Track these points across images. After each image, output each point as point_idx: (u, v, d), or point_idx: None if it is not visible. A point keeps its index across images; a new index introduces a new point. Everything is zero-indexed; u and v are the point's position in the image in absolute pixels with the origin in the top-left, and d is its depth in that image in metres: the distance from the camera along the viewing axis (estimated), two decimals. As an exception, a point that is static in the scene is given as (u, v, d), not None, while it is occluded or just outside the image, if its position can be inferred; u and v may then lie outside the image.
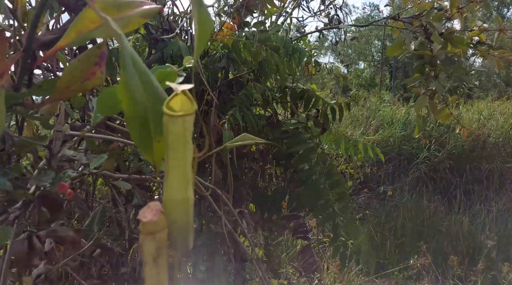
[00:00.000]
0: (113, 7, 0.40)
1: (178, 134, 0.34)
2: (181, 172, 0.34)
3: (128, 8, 0.41)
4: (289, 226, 1.44)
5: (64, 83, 0.42)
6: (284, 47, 1.25)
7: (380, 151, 1.38)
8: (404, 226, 3.90)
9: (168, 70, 0.49)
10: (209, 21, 0.42)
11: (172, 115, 0.34)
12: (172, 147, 0.34)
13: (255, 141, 0.83)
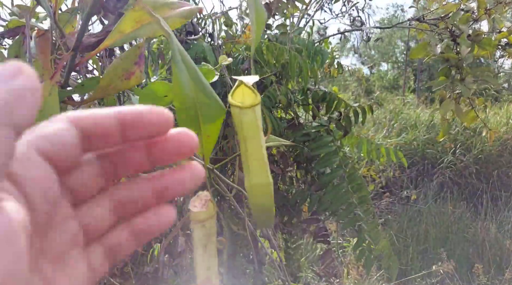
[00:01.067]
0: (155, 8, 0.41)
1: (252, 124, 0.35)
2: (260, 158, 0.36)
3: (170, 8, 0.42)
4: (309, 230, 1.43)
5: (106, 82, 0.43)
6: (306, 49, 1.25)
7: (403, 155, 1.36)
8: (428, 232, 3.81)
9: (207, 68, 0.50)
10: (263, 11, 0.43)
11: (243, 107, 0.35)
12: (248, 135, 0.36)
13: (281, 143, 0.83)
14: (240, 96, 0.37)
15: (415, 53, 1.27)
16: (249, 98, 0.37)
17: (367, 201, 1.28)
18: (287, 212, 1.42)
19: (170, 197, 0.24)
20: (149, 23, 0.42)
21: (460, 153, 4.29)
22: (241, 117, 0.35)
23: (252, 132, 0.35)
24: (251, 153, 0.36)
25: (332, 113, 1.27)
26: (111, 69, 0.44)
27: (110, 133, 0.21)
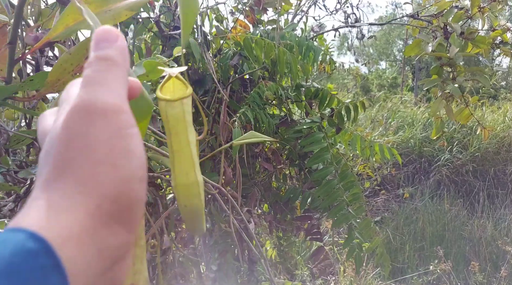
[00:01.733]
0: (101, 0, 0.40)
1: (178, 118, 0.33)
2: (186, 155, 0.34)
3: (116, 0, 0.40)
4: (303, 227, 1.42)
5: (55, 77, 0.42)
6: (298, 46, 1.23)
7: (397, 152, 1.35)
8: (424, 230, 3.81)
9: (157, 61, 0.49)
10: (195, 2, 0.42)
11: (169, 99, 0.33)
12: (174, 131, 0.34)
13: (263, 139, 0.82)
14: (170, 89, 0.36)
15: (409, 50, 1.26)
16: (179, 91, 0.35)
17: (359, 199, 1.27)
18: (280, 210, 1.42)
19: None
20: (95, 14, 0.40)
21: (457, 151, 4.29)
22: (167, 111, 0.33)
23: (178, 128, 0.33)
24: (177, 150, 0.33)
25: (325, 110, 1.26)
26: (59, 64, 0.42)
27: None
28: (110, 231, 0.21)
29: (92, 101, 0.22)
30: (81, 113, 0.22)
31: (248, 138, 0.88)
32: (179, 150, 0.33)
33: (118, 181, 0.21)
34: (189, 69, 1.24)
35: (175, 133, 0.33)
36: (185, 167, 0.34)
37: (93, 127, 0.22)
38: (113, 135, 0.22)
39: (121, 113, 0.23)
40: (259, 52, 1.15)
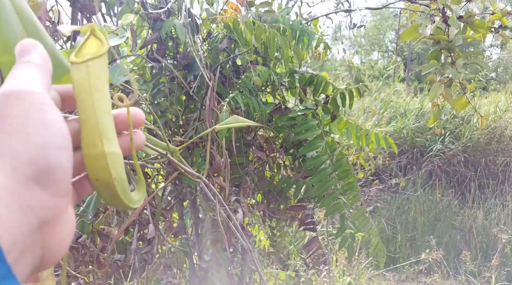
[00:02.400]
0: None
1: (82, 83, 0.30)
2: (93, 124, 0.30)
3: None
4: (298, 217, 1.39)
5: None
6: (291, 29, 1.19)
7: (393, 141, 1.32)
8: (416, 219, 3.83)
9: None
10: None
11: (74, 61, 0.30)
12: (79, 98, 0.30)
13: (246, 124, 0.78)
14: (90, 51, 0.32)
15: (406, 35, 1.22)
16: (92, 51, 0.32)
17: (354, 188, 1.24)
18: (273, 199, 1.38)
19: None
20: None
21: (449, 141, 4.29)
22: (72, 75, 0.31)
23: (84, 94, 0.31)
24: (83, 119, 0.31)
25: (319, 97, 1.22)
26: None
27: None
28: (30, 192, 0.24)
29: (8, 88, 0.26)
30: (1, 99, 0.26)
31: (231, 123, 0.84)
32: (85, 119, 0.31)
33: (32, 147, 0.24)
34: (178, 54, 1.19)
35: (80, 101, 0.31)
36: (91, 137, 0.31)
37: (10, 106, 0.25)
38: (27, 110, 0.25)
39: (34, 93, 0.26)
40: (248, 35, 1.10)
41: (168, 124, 1.21)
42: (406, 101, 4.98)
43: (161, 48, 1.02)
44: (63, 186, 0.26)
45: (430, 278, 3.27)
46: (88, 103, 0.30)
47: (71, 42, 0.93)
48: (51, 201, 0.25)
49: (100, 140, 0.31)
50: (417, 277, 3.35)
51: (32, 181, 0.24)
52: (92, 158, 0.31)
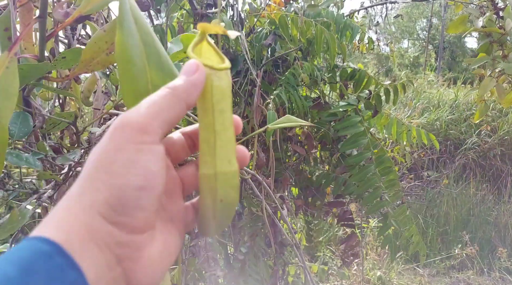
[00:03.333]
0: None
1: (224, 92, 0.28)
2: (230, 138, 0.28)
3: None
4: (332, 211, 1.39)
5: (89, 55, 0.38)
6: (335, 23, 1.17)
7: (435, 138, 1.28)
8: (448, 214, 3.74)
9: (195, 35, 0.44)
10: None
11: (214, 67, 0.28)
12: (218, 107, 0.28)
13: (300, 124, 0.78)
14: (205, 56, 0.30)
15: (453, 28, 1.18)
16: (216, 60, 0.30)
17: (395, 185, 1.22)
18: (310, 194, 1.38)
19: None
20: None
21: (485, 134, 4.15)
22: (212, 82, 0.28)
23: (224, 104, 0.28)
24: (220, 131, 0.28)
25: (362, 92, 1.20)
26: (93, 42, 0.38)
27: None
28: (106, 229, 0.25)
29: (121, 118, 0.26)
30: (110, 128, 0.26)
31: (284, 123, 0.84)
32: (222, 130, 0.28)
33: (111, 187, 0.25)
34: (221, 49, 1.19)
35: (219, 111, 0.28)
36: (227, 152, 0.28)
37: (109, 139, 0.26)
38: (118, 147, 0.26)
39: (138, 129, 0.26)
40: (295, 31, 1.09)
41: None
42: (440, 92, 4.82)
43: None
44: (141, 224, 0.26)
45: (463, 274, 3.20)
46: (228, 115, 0.28)
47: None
48: (127, 237, 0.25)
49: (235, 157, 0.29)
50: (449, 273, 3.29)
51: (107, 219, 0.25)
52: (227, 175, 0.28)
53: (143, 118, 0.26)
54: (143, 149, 0.26)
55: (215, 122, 0.28)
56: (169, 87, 0.28)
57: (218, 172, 0.28)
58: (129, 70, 0.30)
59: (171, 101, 0.27)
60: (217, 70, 0.28)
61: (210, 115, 0.28)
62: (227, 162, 0.28)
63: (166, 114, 0.27)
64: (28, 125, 0.40)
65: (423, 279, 2.91)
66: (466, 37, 13.01)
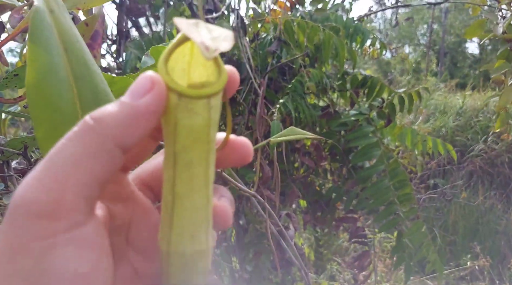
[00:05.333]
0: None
1: (197, 135, 0.17)
2: (200, 203, 0.18)
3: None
4: (343, 225, 1.31)
5: None
6: (344, 28, 1.10)
7: (452, 148, 1.21)
8: (456, 223, 3.65)
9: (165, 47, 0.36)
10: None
11: (188, 95, 0.17)
12: (184, 159, 0.18)
13: (304, 136, 0.70)
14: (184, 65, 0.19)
15: (471, 32, 1.11)
16: (203, 73, 0.19)
17: (410, 200, 1.14)
18: (319, 208, 1.30)
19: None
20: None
21: (492, 141, 4.07)
22: (179, 117, 0.18)
23: (195, 153, 0.18)
24: (182, 194, 0.18)
25: (374, 100, 1.13)
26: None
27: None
28: None
29: (17, 196, 0.17)
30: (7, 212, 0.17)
31: (287, 135, 0.76)
32: (186, 194, 0.18)
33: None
34: (223, 56, 1.12)
35: (185, 164, 0.18)
36: (191, 225, 0.19)
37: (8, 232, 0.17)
38: (24, 247, 0.17)
39: (42, 216, 0.17)
40: (301, 37, 1.02)
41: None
42: (446, 98, 4.76)
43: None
44: None
45: (473, 285, 3.11)
46: (200, 171, 0.18)
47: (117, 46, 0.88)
48: None
49: (206, 231, 0.19)
50: (459, 284, 3.19)
51: None
52: (186, 255, 0.19)
53: (46, 196, 0.17)
54: (57, 243, 0.17)
55: (175, 180, 0.18)
56: (91, 117, 0.17)
57: (172, 251, 0.19)
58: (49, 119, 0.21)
59: (90, 146, 0.17)
60: (191, 98, 0.17)
61: (171, 168, 0.18)
62: (189, 238, 0.19)
63: (86, 172, 0.17)
64: None
65: (433, 292, 2.82)
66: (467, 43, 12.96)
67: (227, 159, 0.22)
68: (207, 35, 0.16)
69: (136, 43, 0.96)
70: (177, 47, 0.18)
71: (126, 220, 0.22)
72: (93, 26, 0.36)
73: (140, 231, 0.22)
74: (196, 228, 0.19)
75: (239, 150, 0.22)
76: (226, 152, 0.22)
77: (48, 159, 0.17)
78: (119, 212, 0.21)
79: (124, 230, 0.22)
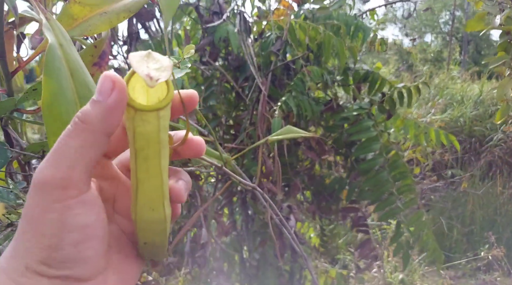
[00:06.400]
0: (97, 0, 0.34)
1: (149, 138, 0.24)
2: (155, 186, 0.26)
3: (113, 1, 0.35)
4: (349, 215, 1.36)
5: None
6: (346, 25, 1.14)
7: (455, 138, 1.24)
8: (474, 213, 3.62)
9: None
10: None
11: (139, 108, 0.24)
12: (141, 155, 0.25)
13: (300, 135, 0.75)
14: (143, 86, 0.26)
15: (472, 25, 1.13)
16: (156, 92, 0.25)
17: (411, 190, 1.18)
18: (324, 199, 1.35)
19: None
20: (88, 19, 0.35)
21: (512, 130, 3.99)
22: (135, 126, 0.24)
23: (150, 151, 0.25)
24: (142, 178, 0.26)
25: (375, 95, 1.17)
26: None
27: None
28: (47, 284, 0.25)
29: (37, 175, 0.25)
30: (30, 186, 0.25)
31: (284, 134, 0.82)
32: (145, 178, 0.26)
33: (44, 246, 0.24)
34: (229, 55, 1.18)
35: (142, 158, 0.25)
36: (150, 201, 0.26)
37: (32, 200, 0.25)
38: (46, 208, 0.24)
39: (58, 187, 0.24)
40: (302, 37, 1.07)
41: (219, 125, 1.22)
42: (464, 87, 4.67)
43: (214, 52, 1.01)
44: (87, 273, 0.26)
45: (489, 275, 3.10)
46: (155, 163, 0.25)
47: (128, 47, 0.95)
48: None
49: (162, 204, 0.27)
50: (475, 274, 3.19)
51: (47, 275, 0.25)
52: (149, 222, 0.27)
53: (60, 173, 0.24)
54: (71, 205, 0.24)
55: (137, 169, 0.26)
56: (80, 120, 0.24)
57: (138, 219, 0.27)
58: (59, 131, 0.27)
59: (85, 138, 0.24)
60: (144, 111, 0.24)
61: (133, 161, 0.26)
62: (150, 210, 0.27)
63: (86, 156, 0.24)
64: (4, 156, 0.40)
65: (446, 281, 2.83)
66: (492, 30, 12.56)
67: (186, 152, 0.30)
68: (153, 66, 0.23)
69: (146, 45, 1.02)
70: (134, 74, 0.25)
71: (112, 193, 0.29)
72: (101, 47, 0.43)
73: (123, 201, 0.29)
74: (154, 203, 0.27)
75: (194, 146, 0.29)
76: (185, 147, 0.29)
77: (56, 149, 0.25)
78: (106, 188, 0.29)
79: (111, 201, 0.29)
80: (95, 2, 0.35)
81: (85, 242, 0.25)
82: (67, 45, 0.30)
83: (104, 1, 0.35)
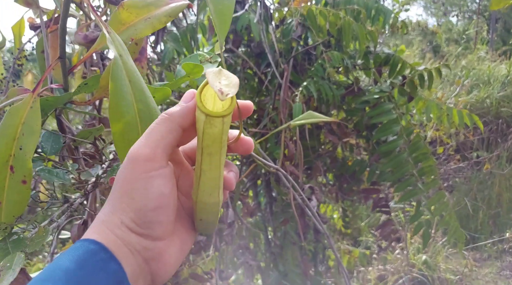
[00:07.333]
0: (142, 7, 0.39)
1: (215, 139, 0.31)
2: (214, 177, 0.33)
3: (155, 7, 0.39)
4: (370, 197, 1.39)
5: (105, 82, 0.42)
6: (366, 9, 1.15)
7: (478, 118, 1.24)
8: (501, 195, 3.57)
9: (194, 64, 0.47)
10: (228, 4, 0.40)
11: (210, 114, 0.30)
12: (207, 151, 0.32)
13: (321, 120, 0.79)
14: (211, 95, 0.32)
15: (496, 3, 1.12)
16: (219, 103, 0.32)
17: (432, 172, 1.20)
18: (345, 180, 1.39)
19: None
20: (135, 23, 0.40)
21: (541, 111, 3.88)
22: (204, 127, 0.30)
23: (213, 148, 0.31)
24: (205, 170, 0.33)
25: (395, 78, 1.18)
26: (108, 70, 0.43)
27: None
28: (134, 239, 0.32)
29: (131, 151, 0.33)
30: (125, 159, 0.33)
31: (306, 119, 0.86)
32: (207, 170, 0.33)
33: (134, 209, 0.32)
34: (252, 42, 1.21)
35: (207, 154, 0.32)
36: (209, 188, 0.33)
37: (126, 170, 0.33)
38: (135, 177, 0.32)
39: (146, 160, 0.32)
40: (323, 23, 1.09)
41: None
42: (490, 67, 4.54)
43: (237, 40, 1.05)
44: (161, 234, 0.33)
45: (515, 258, 3.07)
46: (216, 158, 0.32)
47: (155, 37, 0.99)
48: (151, 244, 0.33)
49: (218, 192, 0.34)
50: (501, 256, 3.16)
51: (135, 232, 0.33)
52: (207, 204, 0.34)
53: (148, 149, 0.32)
54: (154, 176, 0.32)
55: (202, 162, 0.32)
56: (167, 113, 0.33)
57: (198, 201, 0.34)
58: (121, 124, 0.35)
59: (168, 127, 0.33)
60: (212, 117, 0.30)
61: (200, 155, 0.32)
62: (208, 195, 0.34)
63: (167, 140, 0.33)
64: (58, 142, 0.46)
65: (470, 262, 2.82)
66: (522, 5, 11.98)
67: (238, 149, 0.36)
68: (224, 82, 0.29)
69: (172, 35, 1.07)
70: (206, 85, 0.32)
71: (177, 174, 0.37)
72: (141, 44, 0.48)
73: (184, 182, 0.37)
74: (212, 189, 0.34)
75: (245, 144, 0.36)
76: (237, 145, 0.36)
77: (147, 132, 0.33)
78: (175, 170, 0.36)
79: (175, 180, 0.36)
80: (140, 9, 0.39)
81: (162, 208, 0.33)
82: (125, 55, 0.36)
83: (148, 8, 0.40)
